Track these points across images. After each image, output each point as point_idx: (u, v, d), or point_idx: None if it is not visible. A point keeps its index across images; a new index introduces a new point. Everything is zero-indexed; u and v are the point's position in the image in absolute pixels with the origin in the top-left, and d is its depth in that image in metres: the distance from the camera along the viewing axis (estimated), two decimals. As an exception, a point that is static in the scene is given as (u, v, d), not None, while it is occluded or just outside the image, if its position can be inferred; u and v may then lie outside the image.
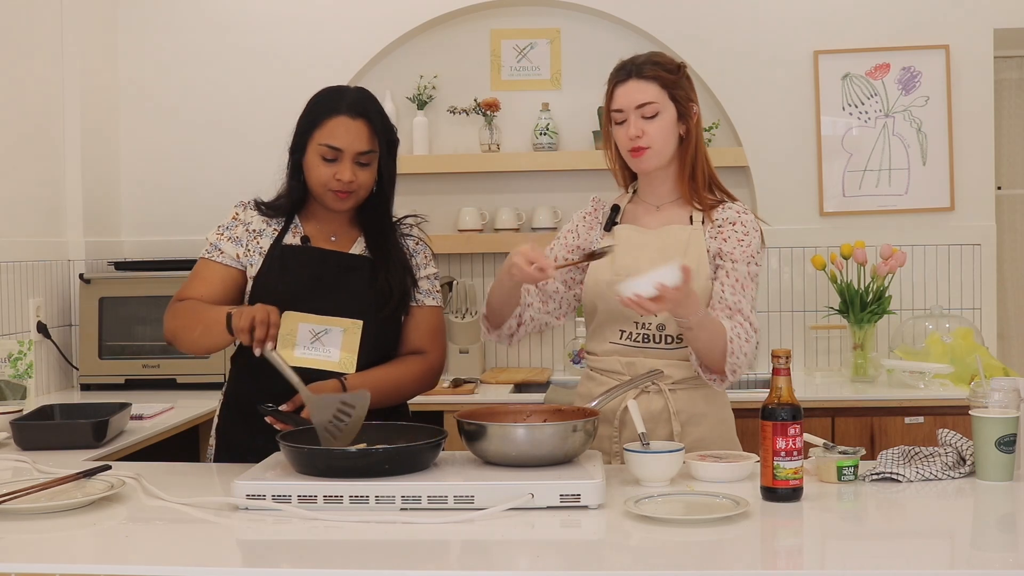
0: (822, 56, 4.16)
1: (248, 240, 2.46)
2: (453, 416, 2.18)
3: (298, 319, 2.38)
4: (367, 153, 2.40)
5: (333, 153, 2.38)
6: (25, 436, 2.61)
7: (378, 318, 2.42)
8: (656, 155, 2.42)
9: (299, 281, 2.41)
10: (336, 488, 1.93)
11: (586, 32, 4.32)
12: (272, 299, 2.37)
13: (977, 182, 4.16)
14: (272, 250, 2.45)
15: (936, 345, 3.85)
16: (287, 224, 2.48)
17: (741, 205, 2.49)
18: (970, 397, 2.18)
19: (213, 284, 2.44)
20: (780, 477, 1.95)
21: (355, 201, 2.44)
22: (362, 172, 2.41)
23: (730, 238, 2.42)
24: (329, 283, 2.43)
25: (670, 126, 2.42)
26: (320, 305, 2.40)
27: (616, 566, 1.72)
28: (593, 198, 2.62)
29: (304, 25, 4.27)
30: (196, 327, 2.35)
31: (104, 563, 1.72)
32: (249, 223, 2.48)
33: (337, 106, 2.40)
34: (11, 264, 3.62)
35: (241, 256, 2.45)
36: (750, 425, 2.38)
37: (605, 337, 2.47)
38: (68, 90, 3.98)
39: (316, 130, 2.40)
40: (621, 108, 2.42)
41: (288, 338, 2.37)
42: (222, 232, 2.48)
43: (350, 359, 2.38)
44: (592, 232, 2.55)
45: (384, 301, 2.42)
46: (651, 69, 2.41)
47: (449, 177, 4.37)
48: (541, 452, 2.03)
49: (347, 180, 2.38)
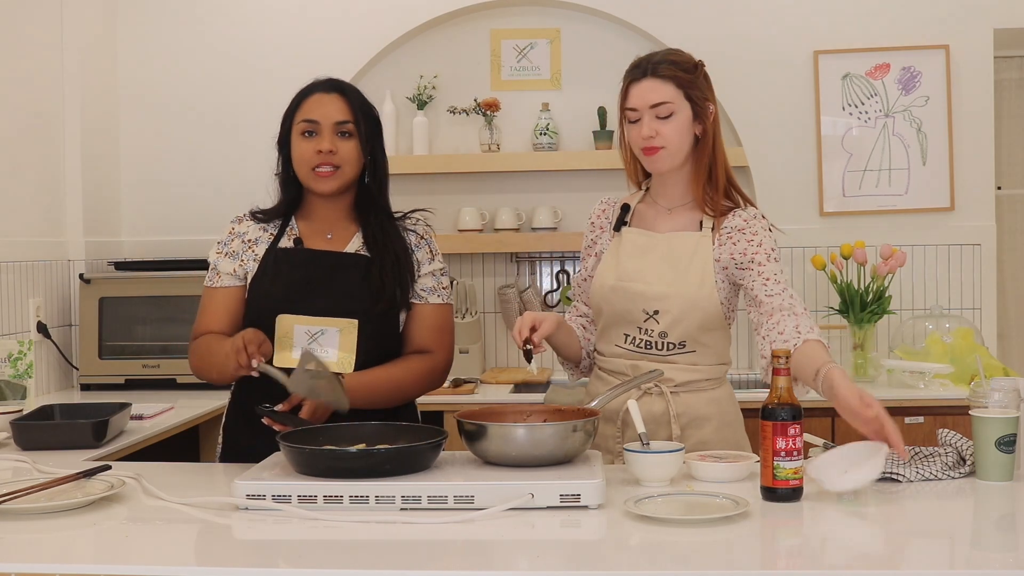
0: (822, 56, 4.16)
1: (244, 250, 2.48)
2: (453, 416, 2.17)
3: (293, 321, 2.38)
4: (345, 123, 2.43)
5: (311, 126, 2.42)
6: (25, 436, 2.61)
7: (374, 316, 2.42)
8: (670, 155, 2.39)
9: (292, 283, 2.42)
10: (336, 488, 1.93)
11: (586, 32, 4.32)
12: (266, 303, 2.40)
13: (977, 182, 4.16)
14: (267, 255, 2.46)
15: (936, 345, 3.85)
16: (283, 227, 2.50)
17: (751, 212, 2.44)
18: (970, 397, 2.17)
19: (219, 314, 2.47)
20: (780, 477, 1.95)
21: (340, 180, 2.44)
22: (343, 144, 2.43)
23: (739, 243, 2.39)
24: (322, 283, 2.43)
25: (685, 126, 2.38)
26: (314, 306, 2.40)
27: (616, 566, 1.72)
28: (604, 199, 2.59)
29: (304, 25, 4.27)
30: (212, 369, 2.40)
31: (104, 563, 1.72)
32: (245, 233, 2.50)
33: (312, 87, 2.49)
34: (11, 264, 3.63)
35: (238, 269, 2.47)
36: (750, 425, 2.39)
37: (611, 340, 2.47)
38: (68, 90, 3.98)
39: (296, 113, 2.46)
40: (635, 107, 2.38)
41: (285, 341, 2.37)
42: (220, 249, 2.50)
43: (348, 359, 2.38)
44: (603, 235, 2.54)
45: (378, 298, 2.42)
46: (667, 68, 2.37)
47: (449, 177, 4.38)
48: (541, 452, 2.03)
49: (327, 149, 2.40)
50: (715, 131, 2.43)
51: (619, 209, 2.52)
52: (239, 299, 2.47)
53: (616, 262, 2.44)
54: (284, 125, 2.48)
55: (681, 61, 2.41)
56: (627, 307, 2.41)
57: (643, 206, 2.51)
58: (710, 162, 2.42)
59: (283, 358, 2.36)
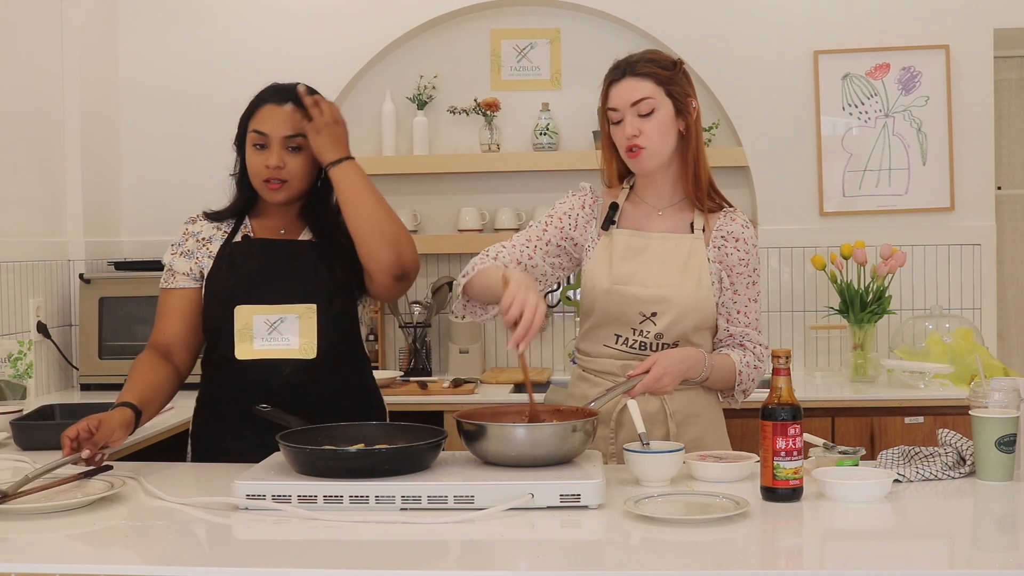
0: (822, 56, 4.16)
1: (198, 248, 2.48)
2: (453, 416, 2.17)
3: (251, 312, 2.39)
4: (294, 137, 2.41)
5: (261, 139, 2.42)
6: (25, 436, 2.61)
7: (332, 300, 2.42)
8: (653, 155, 2.39)
9: (248, 274, 2.43)
10: (336, 488, 1.93)
11: (586, 32, 4.32)
12: (224, 296, 2.41)
13: (977, 182, 4.16)
14: (221, 250, 2.46)
15: (936, 345, 3.85)
16: (237, 225, 2.50)
17: (742, 218, 2.46)
18: (970, 397, 2.17)
19: (175, 318, 2.46)
20: (780, 477, 1.95)
21: (289, 193, 2.44)
22: (292, 159, 2.42)
23: (731, 255, 2.42)
24: (277, 272, 2.43)
25: (667, 123, 2.38)
26: (271, 295, 2.41)
27: (616, 566, 1.72)
28: (590, 187, 2.55)
29: (305, 25, 4.27)
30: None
31: (104, 563, 1.72)
32: (199, 232, 2.50)
33: (265, 95, 2.47)
34: (11, 264, 3.62)
35: (193, 268, 2.47)
36: (750, 425, 2.38)
37: (600, 340, 2.46)
38: (68, 90, 3.98)
39: (249, 121, 2.45)
40: (616, 107, 2.39)
41: (245, 332, 2.38)
42: (175, 250, 2.50)
43: (310, 344, 2.40)
44: (589, 227, 2.50)
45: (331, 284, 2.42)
46: (645, 66, 2.38)
47: (449, 177, 4.37)
48: (541, 452, 2.03)
49: (274, 165, 2.39)
50: (697, 129, 2.43)
51: (607, 208, 2.49)
52: (195, 300, 2.47)
53: (609, 264, 2.43)
54: (239, 130, 2.48)
55: (659, 59, 2.41)
56: (623, 310, 2.40)
57: (630, 205, 2.50)
58: (695, 159, 2.43)
59: (244, 350, 2.37)
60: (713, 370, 2.38)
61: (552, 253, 2.49)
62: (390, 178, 4.31)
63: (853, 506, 1.97)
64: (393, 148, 4.30)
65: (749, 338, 2.45)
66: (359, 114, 4.33)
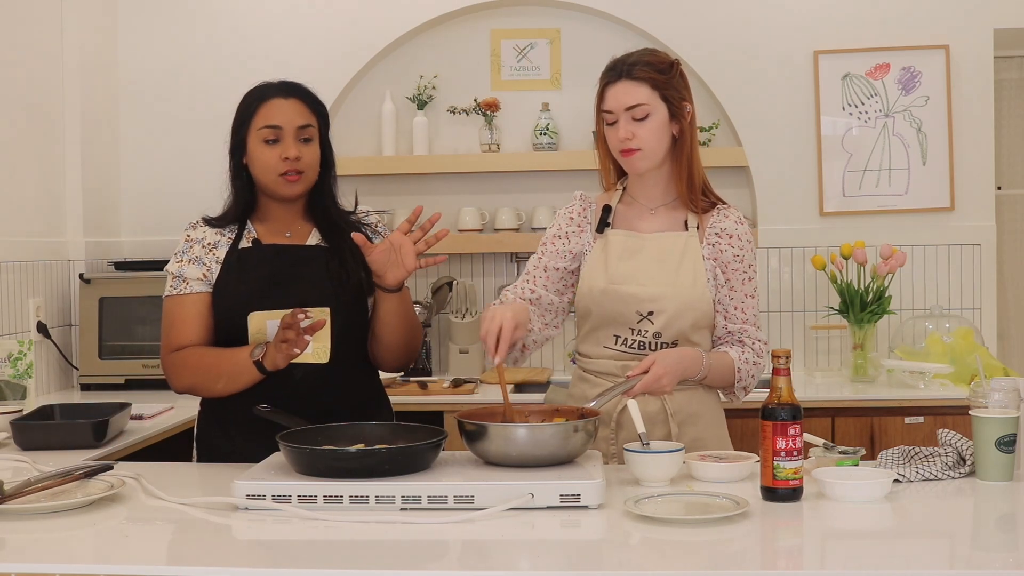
0: (822, 56, 4.16)
1: (205, 254, 2.46)
2: (453, 416, 2.17)
3: (264, 318, 2.38)
4: (307, 127, 2.43)
5: (274, 133, 2.41)
6: (25, 436, 2.61)
7: (344, 303, 2.42)
8: (646, 157, 2.39)
9: (258, 280, 2.42)
10: (336, 488, 1.93)
11: (586, 32, 4.32)
12: (235, 303, 2.40)
13: (977, 182, 4.16)
14: (228, 256, 2.45)
15: (936, 345, 3.85)
16: (240, 231, 2.48)
17: (736, 214, 2.47)
18: (970, 397, 2.18)
19: (194, 322, 2.43)
20: (780, 477, 1.95)
21: (305, 184, 2.45)
22: (306, 149, 2.43)
23: (726, 251, 2.42)
24: (287, 278, 2.43)
25: (662, 127, 2.38)
26: (282, 301, 2.40)
27: (616, 566, 1.72)
28: (580, 195, 2.57)
29: (305, 25, 4.27)
30: (218, 379, 2.37)
31: (104, 563, 1.72)
32: (203, 238, 2.48)
33: (267, 91, 2.48)
34: (11, 264, 3.62)
35: (206, 274, 2.45)
36: (750, 425, 2.39)
37: (599, 341, 2.46)
38: (68, 90, 3.97)
39: (253, 119, 2.44)
40: (611, 109, 2.39)
41: (258, 337, 2.38)
42: (180, 258, 2.47)
43: (323, 348, 2.39)
44: (583, 234, 2.51)
45: (345, 285, 2.42)
46: (641, 70, 2.37)
47: (449, 177, 4.37)
48: (542, 452, 2.03)
49: (293, 156, 2.39)
50: (692, 131, 2.43)
51: (600, 210, 2.50)
52: (209, 304, 2.44)
53: (605, 265, 2.43)
54: (238, 133, 2.46)
55: (656, 61, 2.40)
56: (619, 309, 2.40)
57: (623, 206, 2.51)
58: (689, 161, 2.43)
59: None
60: (711, 369, 2.38)
61: (554, 279, 2.50)
62: (390, 178, 4.31)
63: (853, 506, 1.97)
64: (393, 148, 4.30)
65: (747, 334, 2.45)
66: (359, 114, 4.33)
